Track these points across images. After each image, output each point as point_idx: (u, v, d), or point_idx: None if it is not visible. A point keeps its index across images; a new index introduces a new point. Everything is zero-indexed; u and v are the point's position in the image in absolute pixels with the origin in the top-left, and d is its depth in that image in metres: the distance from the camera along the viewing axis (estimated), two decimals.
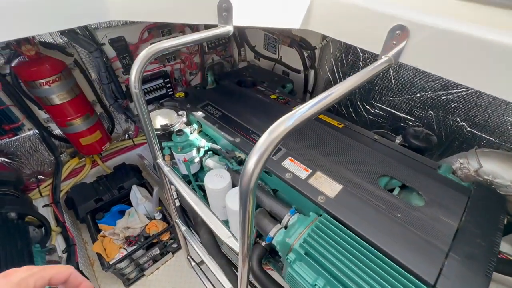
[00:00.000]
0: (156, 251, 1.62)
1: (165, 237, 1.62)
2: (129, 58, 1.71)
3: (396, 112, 1.58)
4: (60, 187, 1.79)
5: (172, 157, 1.27)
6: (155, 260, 1.70)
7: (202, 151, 1.23)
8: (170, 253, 1.77)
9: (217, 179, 1.04)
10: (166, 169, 0.83)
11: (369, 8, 0.61)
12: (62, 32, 1.38)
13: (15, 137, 1.55)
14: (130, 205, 1.79)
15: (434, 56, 0.58)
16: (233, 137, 1.12)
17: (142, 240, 1.56)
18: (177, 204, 1.21)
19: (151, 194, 1.79)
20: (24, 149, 1.65)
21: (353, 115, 1.85)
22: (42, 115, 1.61)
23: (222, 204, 1.08)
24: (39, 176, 1.79)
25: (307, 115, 0.45)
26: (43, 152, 1.74)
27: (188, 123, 1.34)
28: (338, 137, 1.10)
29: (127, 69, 1.76)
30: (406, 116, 1.55)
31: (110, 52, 1.64)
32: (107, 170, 1.98)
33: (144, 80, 1.86)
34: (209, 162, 1.25)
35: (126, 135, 2.14)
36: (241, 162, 1.12)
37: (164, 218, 1.70)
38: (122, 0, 0.74)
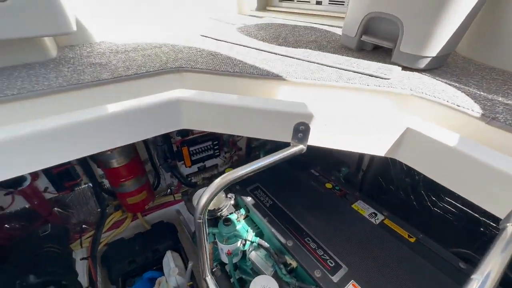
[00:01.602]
0: None
1: None
2: None
3: (473, 214, 1.34)
4: (99, 240, 1.80)
5: (214, 243, 1.19)
6: None
7: (248, 243, 1.13)
8: None
9: None
10: None
11: (493, 166, 0.49)
12: None
13: (71, 192, 1.63)
14: (162, 270, 1.71)
15: None
16: (285, 239, 1.01)
17: None
18: None
19: (184, 262, 1.70)
20: (76, 201, 1.72)
21: (415, 202, 1.63)
22: (99, 171, 1.70)
23: None
24: (83, 226, 1.84)
25: None
26: (92, 204, 1.80)
27: (236, 205, 1.27)
28: (412, 259, 0.92)
29: (180, 132, 1.82)
30: (487, 221, 1.30)
31: None
32: (145, 226, 1.97)
33: (194, 142, 1.91)
34: (254, 255, 1.13)
35: (169, 190, 2.16)
36: (292, 271, 0.99)
37: None
38: (198, 113, 0.74)
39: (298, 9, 1.65)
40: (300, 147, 0.71)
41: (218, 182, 0.60)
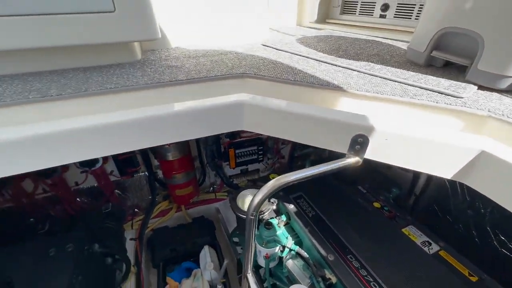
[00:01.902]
0: None
1: None
2: None
3: None
4: (147, 224, 1.98)
5: None
6: None
7: (286, 250, 1.13)
8: None
9: None
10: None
11: None
12: None
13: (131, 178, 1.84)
14: (199, 262, 1.80)
15: None
16: (326, 252, 0.99)
17: None
18: None
19: (219, 259, 1.76)
20: (133, 186, 1.93)
21: (476, 239, 1.44)
22: (155, 162, 1.88)
23: None
24: (135, 210, 2.04)
25: None
26: (145, 191, 1.99)
27: (277, 211, 1.29)
28: None
29: (228, 135, 1.92)
30: None
31: None
32: (187, 219, 2.10)
33: (241, 145, 1.99)
34: (291, 263, 1.12)
35: (211, 188, 2.27)
36: (330, 286, 0.96)
37: None
38: (259, 116, 0.78)
39: (359, 22, 1.63)
40: (356, 159, 0.71)
41: (273, 183, 0.64)
